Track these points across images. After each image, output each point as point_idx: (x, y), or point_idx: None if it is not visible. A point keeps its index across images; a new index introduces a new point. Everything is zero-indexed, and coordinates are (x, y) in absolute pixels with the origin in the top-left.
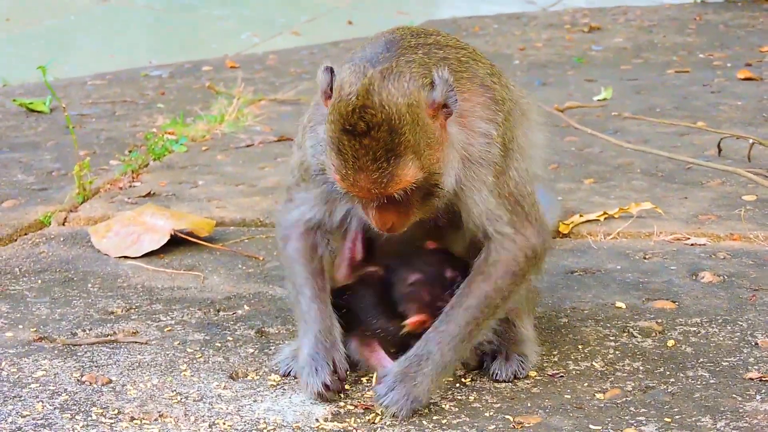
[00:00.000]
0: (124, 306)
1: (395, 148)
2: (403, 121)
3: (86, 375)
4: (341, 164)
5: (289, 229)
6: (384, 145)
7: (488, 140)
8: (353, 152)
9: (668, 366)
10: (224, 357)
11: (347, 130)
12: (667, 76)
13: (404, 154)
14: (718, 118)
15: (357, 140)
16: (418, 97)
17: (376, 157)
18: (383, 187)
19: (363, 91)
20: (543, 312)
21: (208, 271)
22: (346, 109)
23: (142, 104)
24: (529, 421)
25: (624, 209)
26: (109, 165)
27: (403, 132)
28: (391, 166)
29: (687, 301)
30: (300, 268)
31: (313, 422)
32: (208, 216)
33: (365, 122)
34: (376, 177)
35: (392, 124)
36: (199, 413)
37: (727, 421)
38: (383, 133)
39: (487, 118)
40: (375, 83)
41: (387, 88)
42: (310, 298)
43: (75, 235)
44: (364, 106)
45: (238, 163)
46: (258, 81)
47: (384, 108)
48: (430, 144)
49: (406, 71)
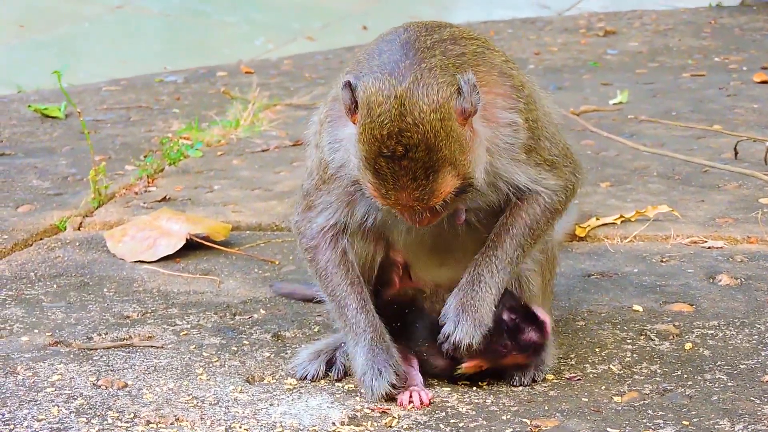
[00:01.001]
0: (139, 310)
1: (434, 164)
2: (439, 137)
3: (102, 379)
4: (381, 184)
5: (315, 239)
6: (423, 164)
7: (514, 128)
8: (392, 173)
9: (686, 369)
10: (240, 361)
11: (385, 155)
12: (682, 80)
13: (442, 167)
14: (734, 121)
15: (396, 163)
16: (449, 108)
17: (416, 176)
18: (425, 202)
19: (396, 114)
20: (560, 315)
21: (224, 275)
22: (381, 133)
23: (157, 110)
24: (546, 425)
25: (641, 212)
26: (124, 170)
27: (440, 148)
28: (431, 182)
29: (704, 304)
30: (338, 279)
31: (329, 426)
32: (224, 220)
33: (403, 145)
34: (418, 194)
35: (428, 143)
36: (216, 417)
37: (745, 424)
38: (421, 152)
39: (509, 107)
40: (406, 102)
41: (419, 106)
42: (356, 309)
43: (90, 239)
44: (400, 131)
45: (254, 167)
46: (273, 86)
47: (419, 128)
48: (463, 150)
49: (432, 82)
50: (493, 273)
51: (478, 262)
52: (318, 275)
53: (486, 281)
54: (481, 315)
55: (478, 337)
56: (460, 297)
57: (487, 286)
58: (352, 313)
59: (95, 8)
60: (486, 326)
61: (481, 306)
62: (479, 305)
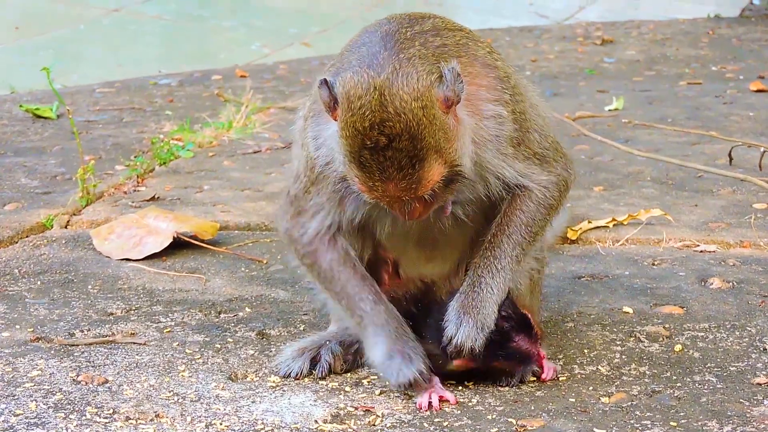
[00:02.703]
0: (123, 307)
1: (418, 153)
2: (422, 125)
3: (82, 375)
4: (367, 177)
5: (312, 244)
6: (407, 153)
7: (499, 120)
8: (378, 165)
9: (675, 370)
10: (224, 358)
11: (369, 147)
12: (679, 88)
13: (427, 156)
14: (729, 128)
15: (380, 154)
16: (431, 95)
17: (401, 165)
18: (413, 192)
19: (376, 105)
20: (549, 316)
21: (211, 274)
22: (363, 125)
23: (150, 111)
24: (532, 425)
25: (633, 216)
26: (114, 170)
27: (423, 136)
28: (417, 171)
29: (695, 306)
30: (347, 276)
31: (311, 424)
32: (213, 220)
33: (385, 135)
34: (405, 185)
35: (412, 131)
36: (196, 413)
37: (734, 425)
38: (404, 142)
39: (494, 99)
40: (386, 92)
41: (399, 95)
42: (373, 301)
43: (77, 237)
44: (381, 121)
45: (245, 168)
46: (267, 90)
47: (401, 117)
48: (448, 138)
49: (412, 71)
50: (494, 274)
51: (477, 264)
52: (321, 278)
53: (487, 283)
54: (483, 317)
55: (481, 340)
56: (462, 300)
57: (488, 288)
58: (370, 305)
59: (91, 11)
60: (489, 328)
61: (483, 308)
62: (481, 307)
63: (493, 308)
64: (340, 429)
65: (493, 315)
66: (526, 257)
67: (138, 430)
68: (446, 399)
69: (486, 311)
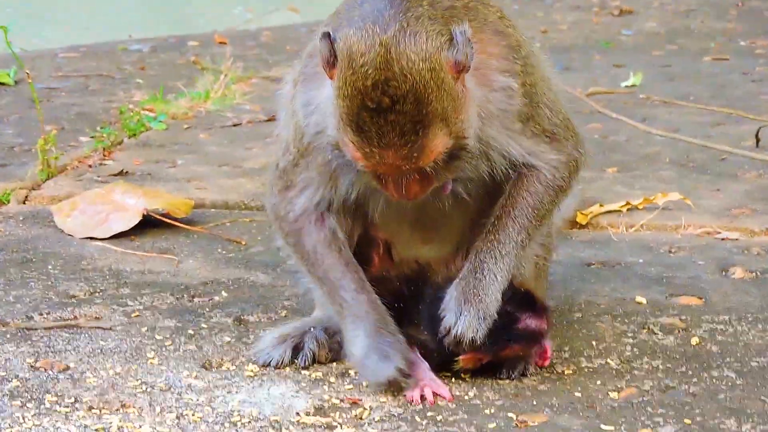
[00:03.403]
0: (87, 289)
1: (423, 119)
2: (429, 88)
3: (41, 361)
4: (363, 142)
5: (297, 222)
6: (411, 118)
7: (509, 93)
8: (377, 129)
9: (691, 365)
10: (197, 345)
11: (369, 108)
12: (703, 64)
13: (433, 123)
14: (758, 108)
15: (381, 117)
16: (440, 58)
17: (404, 131)
18: (414, 161)
19: (382, 62)
20: (555, 305)
21: (184, 255)
22: (365, 84)
23: (119, 79)
24: (533, 420)
25: (649, 200)
26: (78, 141)
27: (430, 101)
28: (421, 139)
29: (715, 297)
30: (331, 260)
31: (293, 416)
32: (187, 197)
33: (389, 96)
34: (406, 152)
35: (418, 94)
36: (166, 404)
37: (754, 424)
38: (409, 105)
39: (504, 69)
40: (392, 50)
41: (406, 54)
42: (355, 290)
43: (36, 214)
44: (386, 80)
45: (223, 142)
46: (250, 58)
47: (407, 77)
48: (456, 107)
49: (421, 30)
50: (497, 259)
51: (479, 248)
52: (305, 259)
53: (490, 268)
54: (486, 305)
55: (483, 330)
56: (462, 286)
57: (491, 274)
58: (352, 294)
59: None
60: (491, 318)
61: (486, 296)
62: (483, 295)
63: (496, 296)
64: (323, 422)
65: (496, 303)
66: (531, 242)
67: (102, 420)
68: (441, 395)
69: (489, 299)
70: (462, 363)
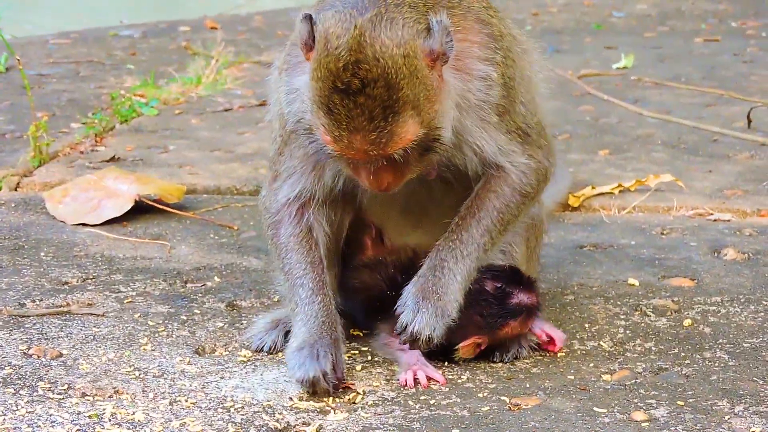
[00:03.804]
0: (79, 276)
1: (393, 104)
2: (401, 74)
3: (34, 348)
4: (333, 125)
5: (278, 213)
6: (381, 102)
7: (488, 83)
8: (347, 112)
9: (683, 347)
10: (190, 331)
11: (339, 89)
12: (694, 45)
13: (403, 110)
14: (749, 88)
15: (351, 99)
16: (415, 46)
17: (373, 116)
18: (382, 147)
19: (354, 44)
20: (547, 288)
21: (176, 241)
22: (337, 66)
23: (110, 65)
24: (527, 403)
25: (641, 182)
26: (69, 128)
27: (401, 86)
28: (390, 125)
29: (707, 279)
30: (297, 256)
31: (286, 401)
32: (179, 182)
33: (359, 79)
34: (374, 137)
35: (389, 78)
36: (159, 390)
37: (746, 405)
38: (380, 89)
39: (485, 58)
40: (366, 34)
41: (380, 39)
42: (312, 290)
43: (28, 200)
44: (357, 61)
45: (215, 127)
46: (241, 42)
47: (379, 61)
48: (429, 96)
49: (398, 17)
50: (458, 259)
51: (440, 247)
52: (277, 252)
53: (450, 267)
54: (444, 303)
55: (441, 329)
56: (420, 283)
57: (451, 273)
58: (307, 293)
59: None
60: (450, 317)
61: (444, 294)
62: (442, 293)
63: (456, 296)
64: (316, 407)
65: (455, 303)
66: (494, 247)
67: (95, 407)
68: (434, 378)
69: (447, 297)
70: (461, 352)
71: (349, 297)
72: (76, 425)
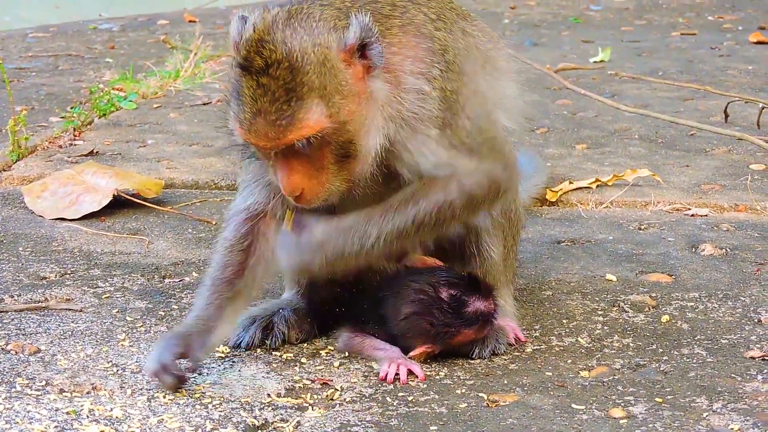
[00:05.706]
0: (57, 271)
1: (296, 88)
2: (307, 59)
3: (12, 344)
4: (239, 109)
5: (227, 221)
6: (284, 84)
7: (421, 96)
8: (251, 93)
9: (661, 343)
10: (168, 326)
11: (244, 67)
12: (671, 39)
13: (307, 96)
14: (726, 82)
15: (254, 79)
16: (328, 38)
17: (275, 97)
18: (282, 131)
19: (263, 27)
20: (525, 284)
21: (154, 235)
22: (246, 48)
23: (89, 59)
24: (504, 399)
25: (619, 176)
26: (48, 122)
27: (306, 71)
28: (292, 109)
29: (685, 274)
30: (218, 258)
31: (264, 397)
32: (157, 177)
33: (263, 58)
34: (274, 119)
35: (293, 61)
36: (137, 386)
37: (725, 402)
38: (282, 71)
39: (418, 72)
40: (279, 21)
41: (291, 26)
42: (205, 299)
43: (6, 195)
44: (261, 40)
45: (193, 121)
46: (219, 36)
47: (285, 44)
48: (341, 91)
49: (316, 13)
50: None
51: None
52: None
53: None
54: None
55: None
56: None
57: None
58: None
59: None
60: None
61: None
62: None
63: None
64: (295, 404)
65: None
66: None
67: (73, 403)
68: (414, 372)
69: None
70: (414, 357)
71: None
72: (54, 422)
